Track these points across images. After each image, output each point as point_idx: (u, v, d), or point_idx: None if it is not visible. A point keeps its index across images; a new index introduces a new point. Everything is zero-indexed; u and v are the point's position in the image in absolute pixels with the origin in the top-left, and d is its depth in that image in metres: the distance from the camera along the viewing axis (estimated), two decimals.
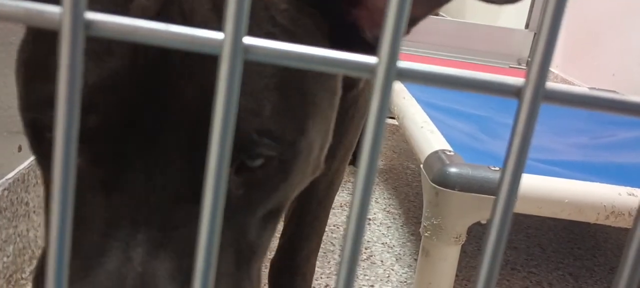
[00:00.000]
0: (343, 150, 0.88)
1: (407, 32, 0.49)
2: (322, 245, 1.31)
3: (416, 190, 1.71)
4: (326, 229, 1.40)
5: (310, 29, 0.46)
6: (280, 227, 1.05)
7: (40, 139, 0.44)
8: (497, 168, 1.04)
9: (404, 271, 1.29)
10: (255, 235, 0.47)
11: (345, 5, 0.47)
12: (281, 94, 0.42)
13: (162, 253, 0.40)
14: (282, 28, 0.44)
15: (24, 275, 1.07)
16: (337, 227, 1.44)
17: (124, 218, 0.40)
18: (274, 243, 1.07)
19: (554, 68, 2.50)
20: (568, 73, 2.42)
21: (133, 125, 0.39)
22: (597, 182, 1.09)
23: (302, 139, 0.45)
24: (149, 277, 0.38)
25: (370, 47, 0.48)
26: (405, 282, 1.26)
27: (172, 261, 0.40)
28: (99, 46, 0.39)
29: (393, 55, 0.19)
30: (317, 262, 1.24)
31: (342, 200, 1.58)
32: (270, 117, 0.42)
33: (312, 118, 0.46)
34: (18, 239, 1.03)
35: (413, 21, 0.48)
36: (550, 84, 0.19)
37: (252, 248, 0.46)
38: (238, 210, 0.45)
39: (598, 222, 1.06)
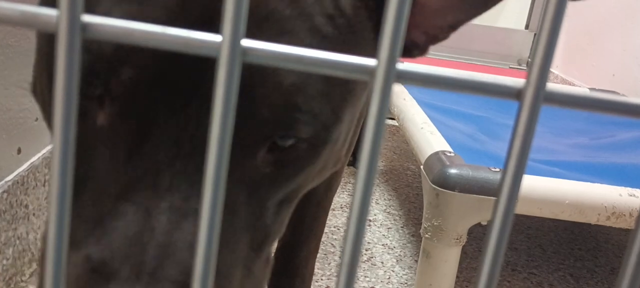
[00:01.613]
0: None
1: (446, 36, 0.49)
2: (322, 247, 1.31)
3: (416, 191, 1.71)
4: (326, 231, 1.40)
5: (365, 23, 0.45)
6: None
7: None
8: (497, 169, 1.04)
9: (404, 272, 1.29)
10: (270, 218, 0.45)
11: None
12: (326, 77, 0.41)
13: (185, 223, 0.37)
14: (343, 14, 0.43)
15: (23, 278, 1.07)
16: (338, 229, 1.44)
17: (146, 183, 0.37)
18: (273, 245, 1.06)
19: (554, 69, 2.50)
20: (568, 74, 2.42)
21: (166, 83, 0.37)
22: (597, 182, 1.09)
23: (337, 125, 0.44)
24: (171, 248, 0.36)
25: (418, 49, 0.48)
26: (405, 283, 1.25)
27: (195, 233, 0.37)
28: None
29: (392, 58, 0.19)
30: (318, 264, 1.23)
31: (343, 201, 1.58)
32: (313, 97, 0.41)
33: (349, 107, 0.45)
34: (18, 242, 1.03)
35: (454, 26, 0.47)
36: (551, 85, 0.19)
37: (266, 230, 0.45)
38: (261, 189, 0.43)
39: (599, 223, 1.06)
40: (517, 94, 0.20)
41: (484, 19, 3.11)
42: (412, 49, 0.47)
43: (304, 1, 0.41)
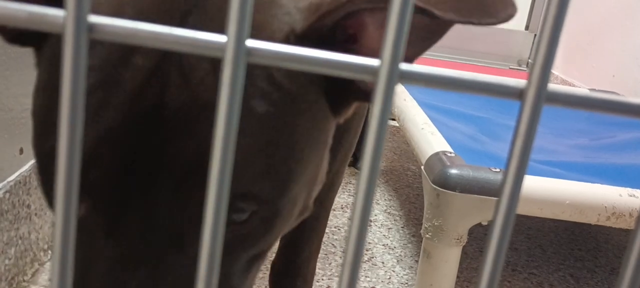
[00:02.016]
0: (342, 152, 0.88)
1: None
2: (323, 247, 1.31)
3: (417, 191, 1.71)
4: (327, 231, 1.40)
5: (306, 85, 0.46)
6: None
7: (50, 184, 0.46)
8: (497, 170, 1.04)
9: (405, 273, 1.29)
10: (238, 277, 0.48)
11: (333, 44, 0.47)
12: (267, 154, 0.43)
13: None
14: (278, 86, 0.44)
15: (25, 278, 1.07)
16: (338, 229, 1.44)
17: (120, 263, 0.43)
18: (275, 245, 1.07)
19: (554, 69, 2.50)
20: (568, 74, 2.42)
21: (130, 174, 0.42)
22: (598, 183, 1.09)
23: (284, 197, 0.46)
24: None
25: (365, 95, 0.49)
26: (406, 283, 1.25)
27: None
28: (95, 101, 0.41)
29: (395, 58, 0.19)
30: (319, 264, 1.24)
31: (343, 201, 1.58)
32: (252, 179, 0.43)
33: (298, 175, 0.46)
34: (20, 242, 1.03)
35: (406, 60, 0.47)
36: (553, 86, 0.20)
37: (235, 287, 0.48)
38: (221, 259, 0.46)
39: (599, 223, 1.06)
40: (519, 94, 0.20)
41: None
42: (369, 92, 0.48)
43: None
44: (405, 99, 1.53)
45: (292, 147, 0.45)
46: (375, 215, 1.54)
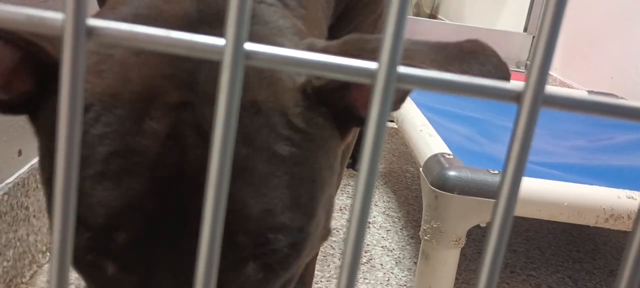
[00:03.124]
0: None
1: (397, 107, 0.53)
2: (321, 249, 1.31)
3: (415, 193, 1.71)
4: None
5: (322, 124, 0.49)
6: None
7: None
8: (496, 171, 1.05)
9: (403, 274, 1.29)
10: None
11: (342, 89, 0.50)
12: (292, 189, 0.47)
13: None
14: (297, 130, 0.47)
15: (24, 280, 1.07)
16: (337, 231, 1.44)
17: None
18: None
19: (552, 71, 2.51)
20: (567, 76, 2.42)
21: (157, 235, 0.44)
22: (596, 185, 1.09)
23: (312, 220, 0.49)
24: None
25: (363, 122, 0.51)
26: (405, 285, 1.25)
27: None
28: (115, 168, 0.42)
29: (393, 60, 0.19)
30: (317, 266, 1.24)
31: (342, 203, 1.58)
32: (282, 212, 0.46)
33: (320, 199, 0.50)
34: (18, 243, 1.03)
35: (401, 99, 0.51)
36: (550, 88, 0.20)
37: None
38: None
39: (597, 225, 1.06)
40: (516, 97, 0.20)
41: (483, 22, 3.10)
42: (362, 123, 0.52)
43: (259, 138, 0.45)
44: None
45: (314, 177, 0.49)
46: (374, 217, 1.54)
